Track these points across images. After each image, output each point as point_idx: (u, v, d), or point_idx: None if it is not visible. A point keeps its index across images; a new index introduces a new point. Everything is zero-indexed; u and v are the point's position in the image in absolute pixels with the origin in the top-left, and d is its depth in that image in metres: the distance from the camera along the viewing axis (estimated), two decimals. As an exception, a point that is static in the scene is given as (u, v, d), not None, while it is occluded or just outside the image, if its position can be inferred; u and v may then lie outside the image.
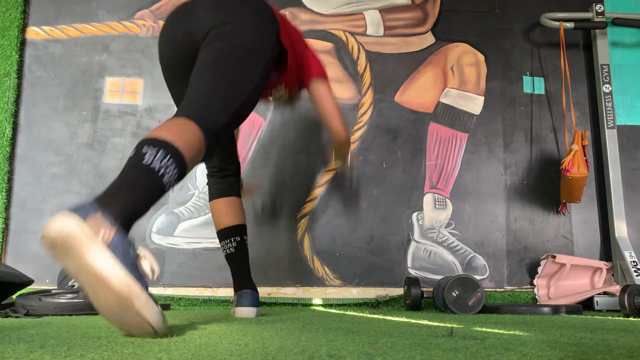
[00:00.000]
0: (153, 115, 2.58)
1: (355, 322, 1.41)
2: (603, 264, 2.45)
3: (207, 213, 2.50)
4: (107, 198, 0.94)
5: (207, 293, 2.40)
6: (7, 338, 0.90)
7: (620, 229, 2.46)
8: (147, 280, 0.91)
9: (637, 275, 2.26)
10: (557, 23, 2.60)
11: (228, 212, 1.76)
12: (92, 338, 0.91)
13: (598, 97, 2.63)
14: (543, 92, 2.72)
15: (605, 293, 2.38)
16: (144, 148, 1.03)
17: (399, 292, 2.44)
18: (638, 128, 2.70)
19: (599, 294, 2.37)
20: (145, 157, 1.01)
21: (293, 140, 2.60)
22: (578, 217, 2.61)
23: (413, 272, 2.50)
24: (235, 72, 1.35)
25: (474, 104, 2.67)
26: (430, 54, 2.70)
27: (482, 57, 2.72)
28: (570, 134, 2.59)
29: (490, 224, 2.58)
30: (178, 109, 1.24)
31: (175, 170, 1.04)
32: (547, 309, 2.07)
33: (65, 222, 0.84)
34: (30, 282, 1.79)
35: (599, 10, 2.62)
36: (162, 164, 1.01)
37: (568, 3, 2.76)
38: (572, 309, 2.10)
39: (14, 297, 1.79)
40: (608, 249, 2.53)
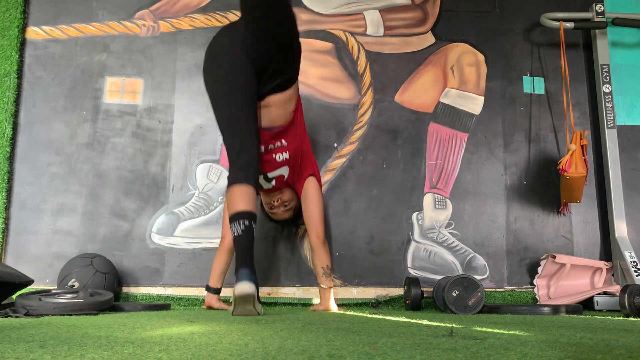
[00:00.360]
0: (153, 115, 2.59)
1: (355, 322, 1.41)
2: (603, 264, 2.45)
3: (207, 213, 2.51)
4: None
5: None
6: (7, 338, 0.90)
7: (620, 229, 2.46)
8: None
9: (637, 275, 2.26)
10: (557, 23, 2.60)
11: (242, 199, 1.79)
12: (92, 338, 0.91)
13: (598, 97, 2.63)
14: (543, 92, 2.72)
15: (605, 293, 2.38)
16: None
17: (399, 292, 2.44)
18: (638, 128, 2.70)
19: (599, 294, 2.37)
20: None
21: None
22: (578, 217, 2.61)
23: (413, 272, 2.50)
24: None
25: (474, 104, 2.67)
26: (430, 54, 2.70)
27: (482, 57, 2.72)
28: (571, 134, 2.59)
29: (490, 224, 2.58)
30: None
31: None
32: (547, 309, 2.06)
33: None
34: (30, 282, 1.79)
35: (599, 10, 2.62)
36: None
37: (568, 3, 2.77)
38: (572, 309, 2.10)
39: (14, 297, 1.79)
40: (608, 249, 2.53)
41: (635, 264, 2.31)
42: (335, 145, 2.59)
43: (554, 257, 2.43)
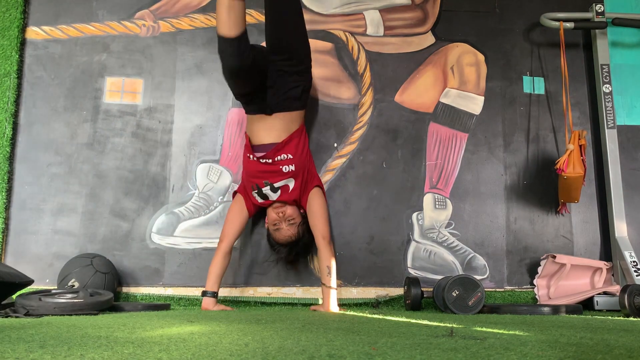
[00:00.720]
0: (153, 115, 2.59)
1: (355, 322, 1.41)
2: (603, 264, 2.45)
3: (207, 213, 2.51)
4: None
5: (207, 293, 2.39)
6: (7, 338, 0.90)
7: (620, 229, 2.46)
8: None
9: (637, 275, 2.26)
10: (557, 23, 2.60)
11: None
12: (92, 338, 0.91)
13: (598, 97, 2.63)
14: (543, 92, 2.72)
15: (605, 293, 2.38)
16: None
17: (399, 292, 2.44)
18: (638, 128, 2.70)
19: (599, 294, 2.37)
20: None
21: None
22: (578, 217, 2.61)
23: (413, 272, 2.50)
24: None
25: (474, 104, 2.67)
26: (430, 54, 2.70)
27: (482, 57, 2.72)
28: (570, 134, 2.59)
29: (490, 224, 2.58)
30: None
31: None
32: (547, 309, 2.06)
33: None
34: (30, 282, 1.79)
35: (599, 10, 2.62)
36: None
37: (568, 3, 2.76)
38: (572, 309, 2.10)
39: (14, 297, 1.79)
40: (608, 249, 2.53)
41: (635, 264, 2.31)
42: (335, 145, 2.59)
43: (554, 257, 2.43)
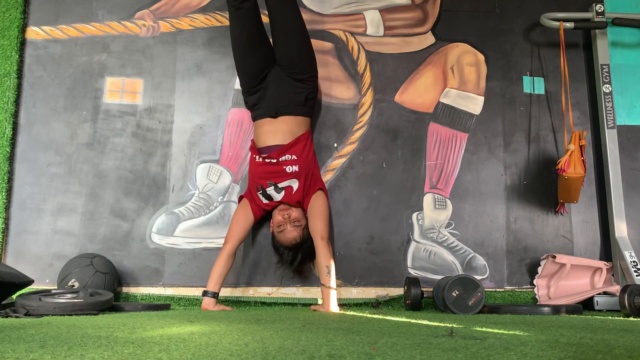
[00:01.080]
0: (153, 115, 2.59)
1: (355, 322, 1.41)
2: (603, 264, 2.45)
3: (207, 213, 2.51)
4: None
5: (207, 293, 2.39)
6: (7, 338, 0.90)
7: (620, 229, 2.46)
8: None
9: (637, 275, 2.26)
10: (557, 23, 2.60)
11: None
12: (92, 338, 0.91)
13: (598, 97, 2.63)
14: (543, 92, 2.72)
15: (605, 293, 2.38)
16: None
17: (399, 292, 2.44)
18: (638, 128, 2.70)
19: (599, 294, 2.37)
20: None
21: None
22: (578, 217, 2.61)
23: (413, 272, 2.50)
24: None
25: (474, 104, 2.67)
26: (430, 54, 2.70)
27: (482, 57, 2.72)
28: (569, 134, 2.59)
29: (490, 224, 2.58)
30: None
31: None
32: (547, 309, 2.06)
33: None
34: (30, 282, 1.80)
35: (599, 10, 2.62)
36: None
37: (568, 3, 2.76)
38: (572, 309, 2.10)
39: (14, 297, 1.79)
40: (608, 249, 2.53)
41: (635, 264, 2.31)
42: (335, 145, 2.59)
43: (554, 257, 2.43)
